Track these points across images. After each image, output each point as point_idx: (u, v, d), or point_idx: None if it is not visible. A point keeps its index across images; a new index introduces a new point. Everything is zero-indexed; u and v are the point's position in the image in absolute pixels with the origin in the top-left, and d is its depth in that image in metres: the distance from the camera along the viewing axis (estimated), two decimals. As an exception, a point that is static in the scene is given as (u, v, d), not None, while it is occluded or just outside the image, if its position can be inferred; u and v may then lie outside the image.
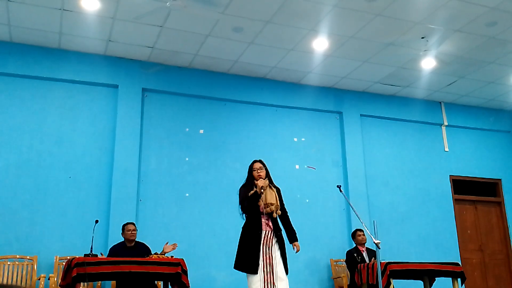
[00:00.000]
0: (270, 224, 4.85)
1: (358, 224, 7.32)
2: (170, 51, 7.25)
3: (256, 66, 7.76)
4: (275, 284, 4.63)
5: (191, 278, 5.37)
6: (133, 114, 7.22)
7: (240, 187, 5.07)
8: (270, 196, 4.88)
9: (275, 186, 5.04)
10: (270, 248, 4.76)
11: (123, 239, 6.08)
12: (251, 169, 5.06)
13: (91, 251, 5.37)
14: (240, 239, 4.89)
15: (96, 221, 5.95)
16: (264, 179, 4.90)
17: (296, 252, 4.95)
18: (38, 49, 7.00)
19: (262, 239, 4.77)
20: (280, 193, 5.05)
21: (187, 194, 7.27)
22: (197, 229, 7.16)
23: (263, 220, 4.85)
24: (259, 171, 4.96)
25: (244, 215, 4.96)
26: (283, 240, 4.92)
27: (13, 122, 6.73)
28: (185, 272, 5.20)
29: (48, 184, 6.66)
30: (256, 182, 4.87)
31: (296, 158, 8.06)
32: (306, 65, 7.74)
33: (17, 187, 6.52)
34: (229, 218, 7.19)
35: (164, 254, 5.37)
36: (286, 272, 4.79)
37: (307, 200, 7.89)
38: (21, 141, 6.70)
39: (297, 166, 8.02)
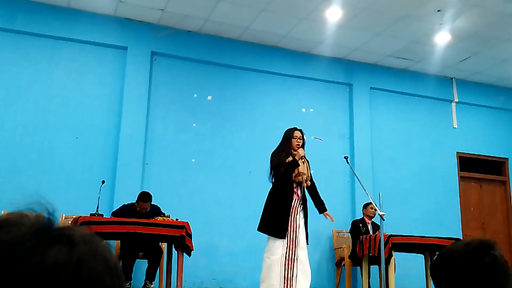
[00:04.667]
0: (299, 193, 4.93)
1: (361, 196, 7.33)
2: (180, 15, 7.14)
3: (267, 34, 7.65)
4: (297, 252, 4.71)
5: (193, 244, 5.40)
6: (141, 77, 7.17)
7: (272, 152, 5.05)
8: (302, 166, 4.93)
9: (306, 158, 5.08)
10: (295, 216, 4.82)
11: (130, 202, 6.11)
12: (290, 135, 5.04)
13: (97, 210, 5.41)
14: (267, 203, 4.93)
15: (103, 182, 5.97)
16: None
17: (332, 221, 5.13)
18: (48, 7, 6.89)
19: (292, 206, 4.83)
20: (309, 165, 5.08)
21: (193, 160, 7.27)
22: (201, 196, 7.18)
23: (293, 188, 4.90)
24: (299, 140, 4.97)
25: (272, 179, 4.97)
26: (307, 210, 4.98)
27: (20, 81, 6.69)
28: (189, 235, 5.24)
29: (55, 144, 6.67)
30: (297, 151, 4.93)
31: (303, 129, 7.98)
32: (318, 35, 7.62)
33: (24, 146, 6.52)
34: (233, 186, 7.21)
35: (169, 217, 5.40)
36: (307, 242, 4.86)
37: (312, 171, 7.86)
38: (28, 100, 6.68)
39: (303, 137, 7.98)
